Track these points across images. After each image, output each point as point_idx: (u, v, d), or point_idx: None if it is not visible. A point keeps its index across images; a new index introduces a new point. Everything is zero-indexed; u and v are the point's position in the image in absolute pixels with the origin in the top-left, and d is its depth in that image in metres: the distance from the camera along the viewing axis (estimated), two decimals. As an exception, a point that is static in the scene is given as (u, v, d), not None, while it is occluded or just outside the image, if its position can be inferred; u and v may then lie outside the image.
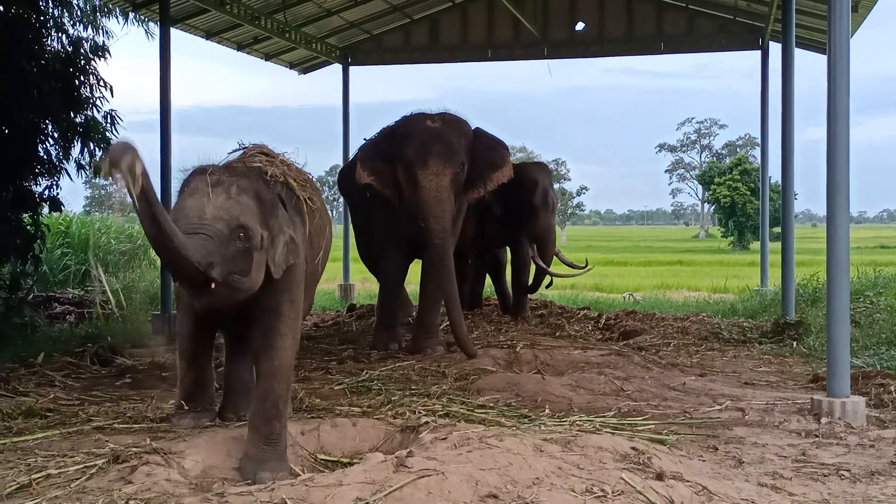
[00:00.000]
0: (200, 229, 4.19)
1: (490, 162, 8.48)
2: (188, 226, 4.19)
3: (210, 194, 4.28)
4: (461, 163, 8.11)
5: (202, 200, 4.28)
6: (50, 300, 12.04)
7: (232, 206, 4.31)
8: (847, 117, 6.01)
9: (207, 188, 4.30)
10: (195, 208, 4.26)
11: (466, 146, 8.28)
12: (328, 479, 4.11)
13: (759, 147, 14.51)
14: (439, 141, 8.04)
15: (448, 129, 8.18)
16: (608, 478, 4.18)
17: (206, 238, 4.17)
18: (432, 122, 8.19)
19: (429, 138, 8.05)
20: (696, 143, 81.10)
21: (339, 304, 12.85)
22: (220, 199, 4.30)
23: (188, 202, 4.31)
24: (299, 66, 15.03)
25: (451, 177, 8.00)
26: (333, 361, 7.92)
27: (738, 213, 48.05)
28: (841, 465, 4.94)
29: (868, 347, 8.49)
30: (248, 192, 4.41)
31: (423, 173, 7.93)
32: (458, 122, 8.40)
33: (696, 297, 15.68)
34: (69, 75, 9.56)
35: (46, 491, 4.12)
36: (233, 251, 4.28)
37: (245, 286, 4.41)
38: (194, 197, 4.32)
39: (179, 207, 4.32)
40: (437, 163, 7.94)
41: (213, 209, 4.26)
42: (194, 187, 4.36)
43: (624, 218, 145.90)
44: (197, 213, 4.24)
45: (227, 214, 4.28)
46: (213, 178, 4.35)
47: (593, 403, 6.33)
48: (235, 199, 4.33)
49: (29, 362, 7.42)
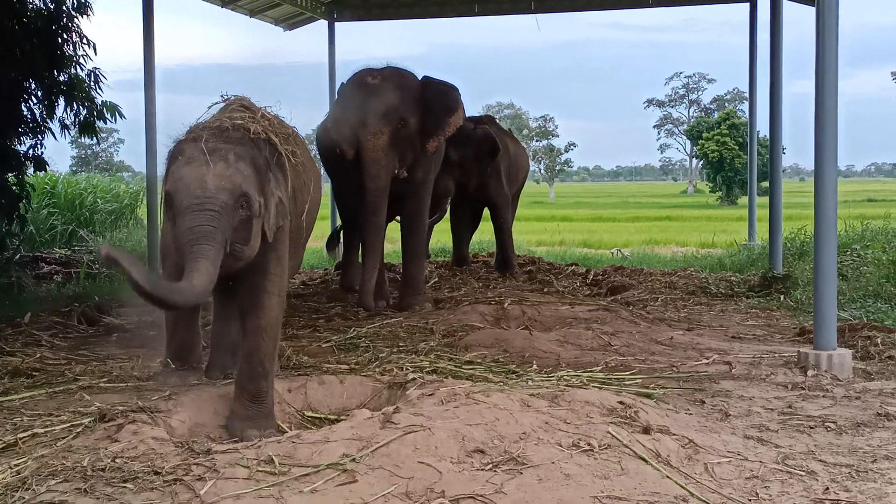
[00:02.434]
0: (206, 204, 4.16)
1: (444, 108, 8.34)
2: (193, 200, 4.16)
3: (209, 163, 4.22)
4: (400, 118, 7.96)
5: (201, 170, 4.22)
6: (36, 260, 11.97)
7: (233, 175, 4.26)
8: (835, 70, 5.97)
9: (205, 156, 4.23)
10: (196, 179, 4.20)
11: (412, 99, 8.13)
12: (315, 435, 4.11)
13: (748, 101, 14.45)
14: (376, 98, 7.95)
15: (387, 85, 8.06)
16: (595, 432, 4.20)
17: (211, 216, 4.15)
18: (372, 79, 8.09)
19: (367, 97, 7.97)
20: (685, 97, 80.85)
21: (328, 262, 12.81)
22: (219, 167, 4.24)
23: (186, 171, 4.23)
24: (284, 22, 14.84)
25: (390, 135, 7.88)
26: (321, 319, 7.91)
27: (727, 167, 48.05)
28: (827, 417, 4.97)
29: (855, 300, 8.53)
30: (245, 159, 4.35)
31: (362, 133, 7.86)
32: (400, 76, 8.25)
33: (683, 252, 15.72)
34: (52, 33, 9.41)
35: (33, 450, 4.12)
36: (235, 221, 4.27)
37: (246, 254, 4.40)
38: (192, 166, 4.24)
39: (178, 177, 4.24)
40: (374, 121, 7.86)
41: (214, 179, 4.20)
42: (190, 156, 4.28)
43: (612, 174, 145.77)
44: (199, 185, 4.19)
45: (229, 184, 4.23)
46: (209, 146, 4.27)
47: (581, 358, 6.35)
48: (235, 167, 4.28)
49: (15, 322, 7.38)
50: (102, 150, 67.21)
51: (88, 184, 17.18)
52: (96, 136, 10.16)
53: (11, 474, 3.82)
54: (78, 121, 9.70)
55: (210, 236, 4.15)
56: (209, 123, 4.60)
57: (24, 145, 9.82)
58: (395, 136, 7.92)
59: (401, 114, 7.98)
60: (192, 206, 4.17)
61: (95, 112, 9.73)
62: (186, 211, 4.19)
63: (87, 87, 9.63)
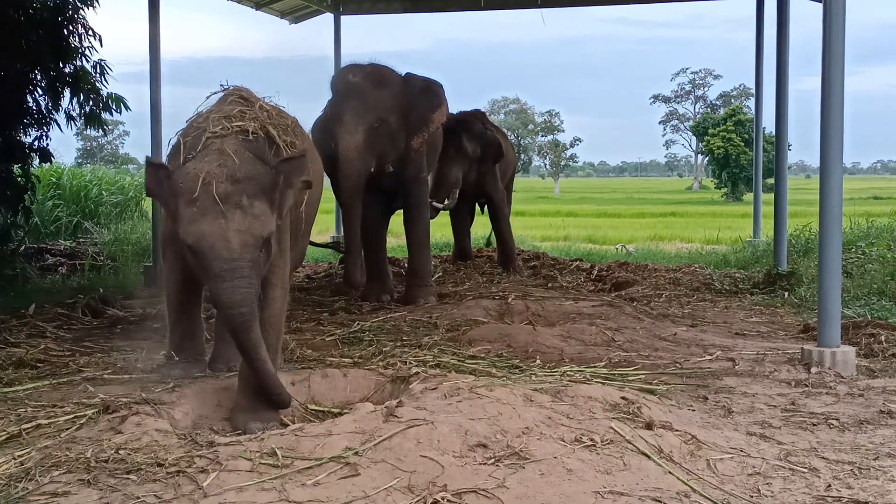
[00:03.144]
0: (238, 271, 4.21)
1: (428, 104, 8.34)
2: (223, 268, 4.20)
3: (224, 214, 4.21)
4: (377, 117, 7.91)
5: (220, 225, 4.21)
6: (41, 251, 11.99)
7: (252, 225, 4.26)
8: (842, 66, 5.95)
9: (218, 206, 4.21)
10: (219, 238, 4.21)
11: (393, 96, 8.11)
12: (318, 428, 4.12)
13: (754, 97, 14.41)
14: (354, 96, 7.93)
15: (366, 83, 8.02)
16: (597, 427, 4.20)
17: (246, 279, 4.24)
18: (352, 77, 8.06)
19: (346, 94, 7.97)
20: (691, 93, 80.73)
21: (332, 255, 12.81)
22: (237, 218, 4.23)
23: (205, 228, 4.21)
24: (290, 15, 14.82)
25: (365, 133, 7.82)
26: (325, 313, 7.91)
27: (732, 164, 47.97)
28: (830, 414, 4.96)
29: (859, 298, 8.52)
30: (257, 195, 4.32)
31: (339, 131, 7.84)
32: (380, 74, 8.20)
33: (688, 248, 15.71)
34: (57, 24, 9.43)
35: (36, 441, 4.12)
36: (261, 258, 4.37)
37: (267, 265, 4.52)
38: (208, 219, 4.22)
39: (200, 234, 4.22)
40: (350, 119, 7.83)
41: (237, 236, 4.22)
42: (203, 205, 4.23)
43: (617, 170, 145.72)
44: (224, 246, 4.20)
45: (252, 238, 4.26)
46: (220, 192, 4.22)
47: (584, 354, 6.34)
48: (251, 213, 4.27)
49: (20, 313, 7.39)
50: (108, 142, 67.36)
51: (94, 176, 17.21)
52: (102, 128, 10.18)
53: (15, 465, 3.84)
54: (83, 112, 9.72)
55: (249, 303, 4.27)
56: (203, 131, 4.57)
57: (29, 137, 9.87)
58: (371, 135, 7.86)
59: (378, 112, 7.93)
60: (223, 273, 4.22)
61: (101, 104, 9.76)
62: (218, 278, 4.24)
63: (92, 78, 9.65)
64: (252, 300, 4.28)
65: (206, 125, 4.58)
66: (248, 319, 4.27)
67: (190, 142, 4.64)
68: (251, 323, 4.29)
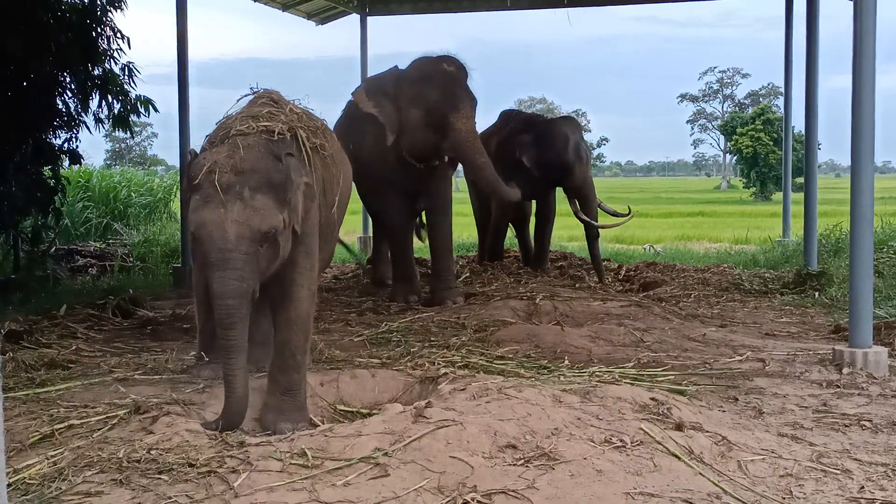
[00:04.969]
0: (231, 262, 4.17)
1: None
2: (216, 256, 4.17)
3: (224, 204, 4.18)
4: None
5: (219, 214, 4.18)
6: (72, 253, 12.12)
7: (251, 217, 4.20)
8: (873, 64, 5.90)
9: (219, 195, 4.18)
10: (216, 227, 4.18)
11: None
12: (347, 429, 4.13)
13: (783, 96, 14.30)
14: (461, 86, 8.19)
15: (461, 74, 8.30)
16: (627, 428, 4.18)
17: (238, 272, 4.18)
18: (448, 66, 8.24)
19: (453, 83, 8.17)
20: (719, 92, 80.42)
21: (360, 256, 12.84)
22: (236, 209, 4.19)
23: (206, 216, 4.19)
24: (317, 16, 14.86)
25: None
26: (353, 313, 7.93)
27: (761, 163, 47.61)
28: (862, 415, 4.92)
29: (891, 298, 8.42)
30: (262, 188, 4.26)
31: (455, 116, 8.02)
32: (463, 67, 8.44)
33: (717, 248, 15.62)
34: (86, 27, 9.51)
35: (69, 441, 4.16)
36: (263, 254, 4.29)
37: (276, 265, 4.45)
38: (209, 208, 4.20)
39: (200, 222, 4.20)
40: (468, 107, 8.12)
41: (233, 226, 4.17)
42: (206, 193, 4.22)
43: (645, 169, 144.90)
44: (220, 235, 4.17)
45: (249, 230, 4.20)
46: (222, 183, 4.20)
47: (613, 354, 6.32)
48: (251, 205, 4.21)
49: (51, 314, 7.47)
50: (136, 143, 67.88)
51: (122, 177, 17.38)
52: (130, 130, 10.26)
53: (48, 465, 3.87)
54: (112, 115, 9.79)
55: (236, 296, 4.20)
56: (229, 130, 4.56)
57: (59, 139, 9.96)
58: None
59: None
60: (216, 262, 4.19)
61: (129, 106, 9.83)
62: (211, 266, 4.21)
63: (120, 81, 9.73)
64: (242, 295, 4.21)
65: (233, 125, 4.59)
66: (232, 313, 4.19)
67: (215, 142, 4.65)
68: (235, 319, 4.20)
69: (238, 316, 4.22)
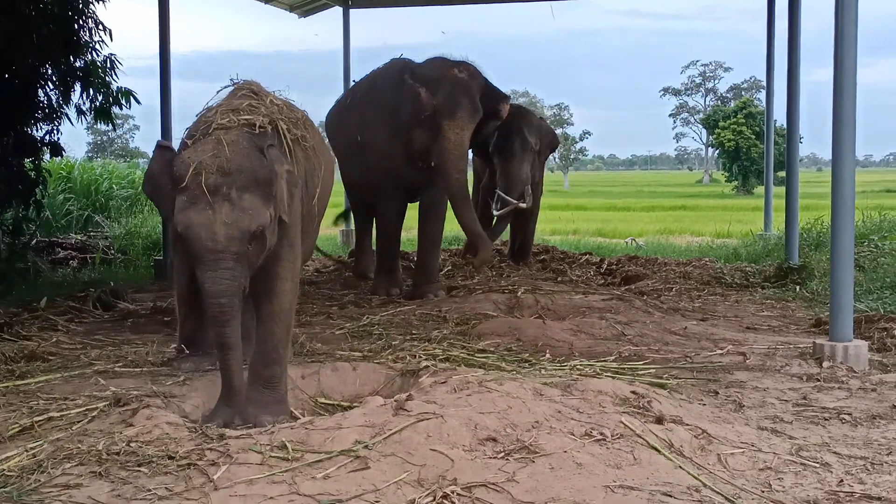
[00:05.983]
0: (222, 263, 4.21)
1: None
2: (207, 257, 4.20)
3: (212, 205, 4.19)
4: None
5: (207, 216, 4.19)
6: (53, 245, 12.06)
7: (239, 218, 4.22)
8: (854, 58, 5.91)
9: (206, 196, 4.19)
10: (205, 228, 4.19)
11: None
12: (328, 422, 4.13)
13: (765, 90, 14.34)
14: (464, 93, 8.07)
15: (473, 82, 8.21)
16: (608, 421, 4.19)
17: (230, 272, 4.23)
18: (459, 72, 8.16)
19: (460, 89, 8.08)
20: (701, 86, 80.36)
21: (342, 249, 12.82)
22: (224, 209, 4.20)
23: (193, 217, 4.20)
24: (299, 8, 14.80)
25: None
26: (335, 306, 7.92)
27: (743, 157, 47.82)
28: (842, 408, 4.94)
29: (872, 292, 8.48)
30: (248, 187, 4.27)
31: (450, 124, 7.96)
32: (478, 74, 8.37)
33: (699, 241, 15.66)
34: (68, 18, 9.45)
35: (48, 433, 4.14)
36: (252, 250, 4.32)
37: (264, 257, 4.49)
38: (197, 208, 4.21)
39: (188, 223, 4.21)
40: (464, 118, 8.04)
41: (222, 228, 4.19)
42: (193, 194, 4.22)
43: (627, 163, 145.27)
44: (210, 237, 4.19)
45: (238, 230, 4.22)
46: (209, 184, 4.20)
47: (594, 348, 6.33)
48: (239, 206, 4.22)
49: (32, 307, 7.42)
50: (118, 136, 67.38)
51: (104, 170, 17.30)
52: (112, 123, 10.21)
53: (27, 457, 3.86)
54: (94, 107, 9.74)
55: (229, 295, 4.25)
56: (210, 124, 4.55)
57: (40, 131, 9.89)
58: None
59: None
60: (207, 263, 4.22)
61: (111, 98, 9.77)
62: (202, 267, 4.25)
63: (102, 73, 9.66)
64: (233, 293, 4.26)
65: (214, 118, 4.57)
66: (226, 311, 4.26)
67: (196, 136, 4.63)
68: (229, 317, 4.27)
69: (231, 313, 4.28)
